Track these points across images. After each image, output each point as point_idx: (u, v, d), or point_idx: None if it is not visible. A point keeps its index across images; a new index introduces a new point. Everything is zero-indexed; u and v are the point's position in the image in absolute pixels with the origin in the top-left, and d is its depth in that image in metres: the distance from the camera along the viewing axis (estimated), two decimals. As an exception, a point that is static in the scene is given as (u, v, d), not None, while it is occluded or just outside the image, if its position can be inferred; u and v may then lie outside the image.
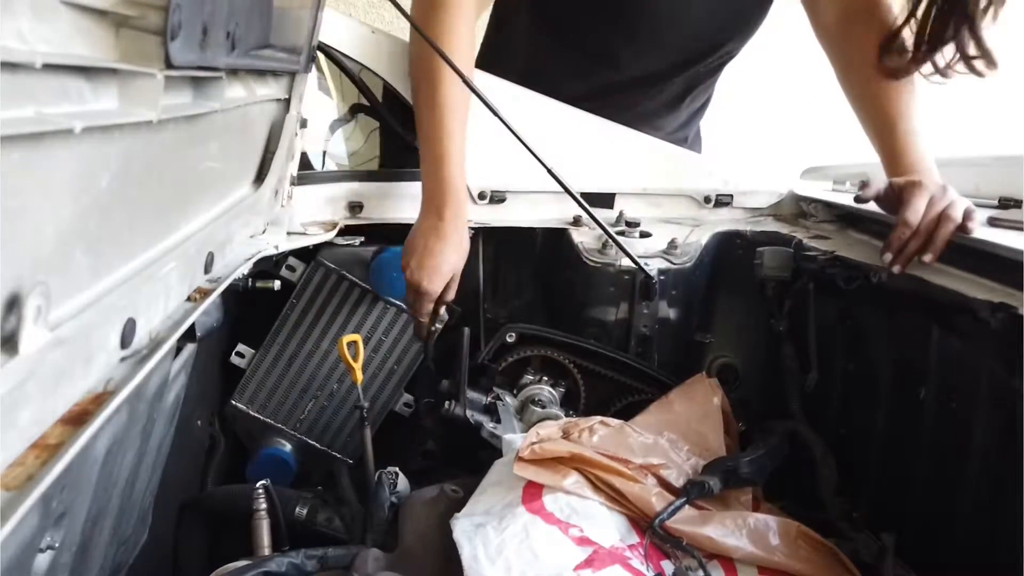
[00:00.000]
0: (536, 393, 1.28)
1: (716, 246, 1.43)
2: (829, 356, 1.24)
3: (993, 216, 1.15)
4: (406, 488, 1.08)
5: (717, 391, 1.21)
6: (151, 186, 0.65)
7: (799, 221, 1.49)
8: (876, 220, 1.28)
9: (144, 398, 0.75)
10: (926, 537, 1.01)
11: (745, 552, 0.93)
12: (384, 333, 1.36)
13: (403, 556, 0.92)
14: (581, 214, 1.40)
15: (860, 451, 1.16)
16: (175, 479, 1.05)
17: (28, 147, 0.42)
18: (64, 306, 0.53)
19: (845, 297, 1.18)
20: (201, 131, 0.73)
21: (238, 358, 1.34)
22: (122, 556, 0.87)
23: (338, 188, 1.37)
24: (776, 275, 1.30)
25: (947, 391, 1.00)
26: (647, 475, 1.01)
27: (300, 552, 0.92)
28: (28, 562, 0.56)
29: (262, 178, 1.05)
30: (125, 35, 0.53)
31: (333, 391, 1.36)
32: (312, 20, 1.03)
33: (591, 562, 0.85)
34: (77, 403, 0.57)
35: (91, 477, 0.65)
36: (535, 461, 0.96)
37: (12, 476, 0.48)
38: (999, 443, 0.90)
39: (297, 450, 1.37)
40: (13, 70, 0.41)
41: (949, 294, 0.97)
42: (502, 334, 1.31)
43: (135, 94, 0.55)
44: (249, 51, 0.75)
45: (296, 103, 1.08)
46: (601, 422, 1.08)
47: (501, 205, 1.43)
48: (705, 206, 1.50)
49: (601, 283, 1.36)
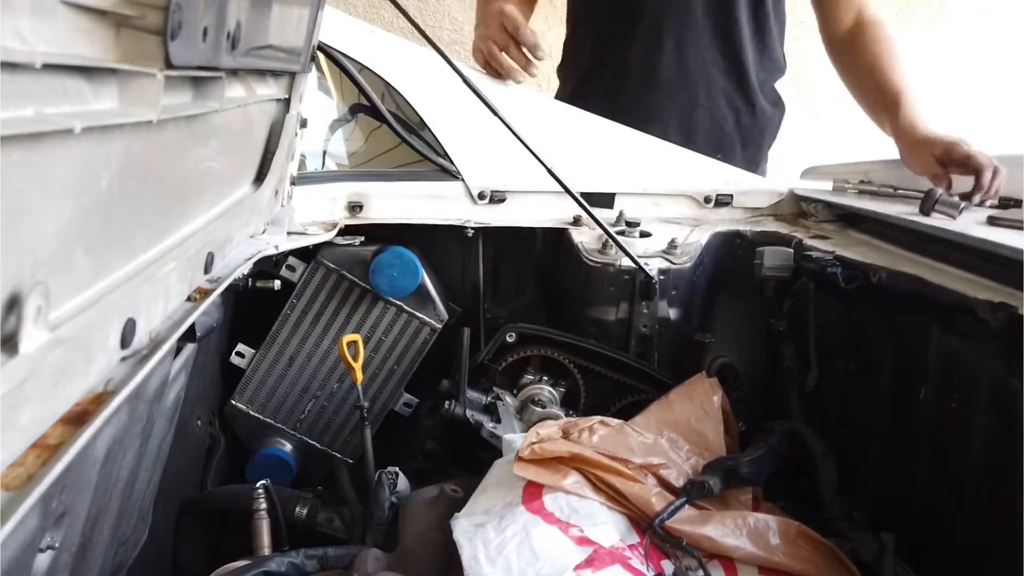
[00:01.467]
0: (536, 393, 1.28)
1: (716, 246, 1.43)
2: (829, 356, 1.24)
3: (993, 216, 1.15)
4: (406, 488, 1.08)
5: (717, 390, 1.21)
6: (151, 186, 0.65)
7: (799, 221, 1.49)
8: (876, 220, 1.28)
9: (144, 398, 0.75)
10: (926, 537, 1.01)
11: (745, 552, 0.93)
12: (384, 333, 1.36)
13: (403, 556, 0.92)
14: (581, 214, 1.40)
15: (860, 451, 1.16)
16: (175, 479, 1.05)
17: (28, 147, 0.42)
18: (64, 306, 0.53)
19: (845, 297, 1.17)
20: (201, 131, 0.73)
21: (238, 358, 1.34)
22: (122, 556, 0.87)
23: (338, 188, 1.37)
24: (776, 275, 1.30)
25: (947, 391, 1.00)
26: (647, 475, 1.01)
27: (300, 552, 0.92)
28: (28, 562, 0.56)
29: (262, 178, 1.05)
30: (125, 35, 0.53)
31: (333, 391, 1.36)
32: (312, 20, 1.03)
33: (591, 562, 0.85)
34: (77, 403, 0.57)
35: (91, 477, 0.65)
36: (535, 461, 0.96)
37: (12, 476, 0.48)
38: (999, 443, 0.90)
39: (297, 450, 1.37)
40: (13, 70, 0.41)
41: (949, 294, 0.97)
42: (502, 334, 1.31)
43: (135, 94, 0.54)
44: (249, 51, 0.75)
45: (296, 103, 1.08)
46: (601, 422, 1.08)
47: (501, 205, 1.43)
48: (705, 206, 1.50)
49: (601, 283, 1.36)
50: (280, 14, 0.85)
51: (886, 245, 1.23)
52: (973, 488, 0.95)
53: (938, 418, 1.02)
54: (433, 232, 1.40)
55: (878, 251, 1.20)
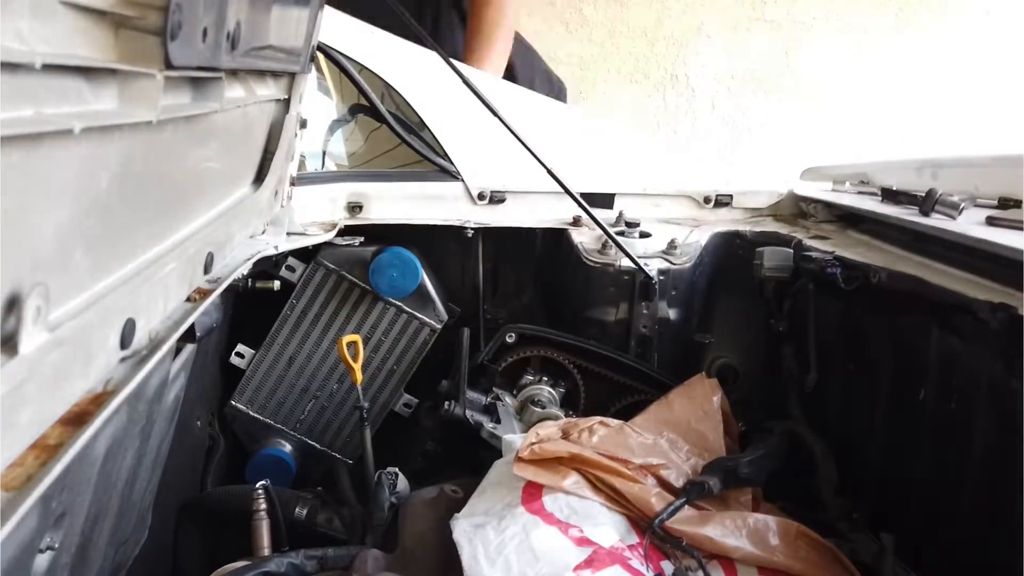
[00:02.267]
0: (536, 393, 1.28)
1: (716, 246, 1.43)
2: (829, 356, 1.24)
3: (993, 216, 1.15)
4: (406, 488, 1.08)
5: (717, 391, 1.21)
6: (151, 186, 0.65)
7: (799, 221, 1.49)
8: (876, 220, 1.28)
9: (144, 398, 0.75)
10: (926, 537, 1.01)
11: (745, 552, 0.93)
12: (384, 333, 1.36)
13: (403, 556, 0.92)
14: (581, 214, 1.40)
15: (860, 451, 1.16)
16: (175, 479, 1.05)
17: (28, 147, 0.42)
18: (64, 306, 0.52)
19: (845, 297, 1.17)
20: (201, 131, 0.73)
21: (238, 358, 1.34)
22: (122, 556, 0.86)
23: (338, 188, 1.37)
24: (776, 275, 1.30)
25: (947, 391, 1.00)
26: (647, 475, 1.01)
27: (300, 552, 0.92)
28: (28, 562, 0.56)
29: (262, 178, 1.04)
30: (125, 35, 0.53)
31: (333, 391, 1.36)
32: (312, 20, 1.03)
33: (591, 562, 0.85)
34: (77, 404, 0.57)
35: (91, 477, 0.65)
36: (535, 461, 0.96)
37: (12, 477, 0.48)
38: (999, 443, 0.90)
39: (297, 450, 1.37)
40: (13, 70, 0.41)
41: (949, 294, 0.97)
42: (502, 334, 1.31)
43: (135, 94, 0.54)
44: (249, 51, 0.75)
45: (296, 103, 1.08)
46: (600, 422, 1.08)
47: (501, 206, 1.43)
48: (705, 206, 1.50)
49: (601, 283, 1.36)
50: (280, 14, 0.85)
51: (886, 245, 1.22)
52: (973, 488, 0.95)
53: (938, 418, 1.02)
54: (433, 232, 1.40)
55: (878, 251, 1.20)
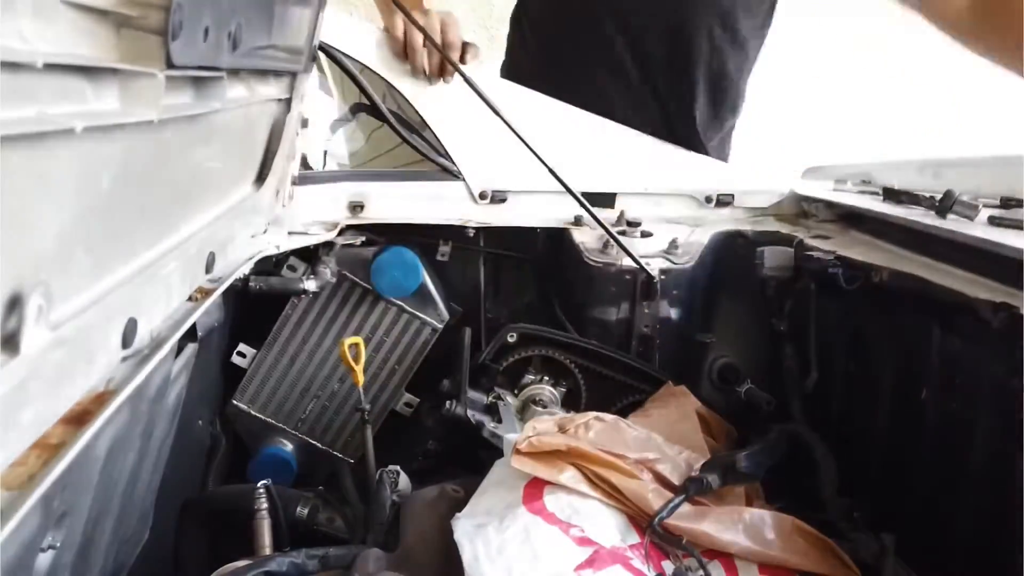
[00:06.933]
0: (537, 393, 1.28)
1: (717, 246, 1.42)
2: (830, 356, 1.24)
3: (994, 215, 1.15)
4: (407, 488, 1.08)
5: (688, 395, 1.23)
6: (152, 186, 0.65)
7: (800, 221, 1.49)
8: (877, 220, 1.28)
9: (145, 398, 0.75)
10: (926, 537, 1.01)
11: (742, 547, 0.93)
12: (385, 333, 1.36)
13: (404, 556, 0.92)
14: (582, 214, 1.40)
15: (860, 451, 1.16)
16: (176, 479, 1.05)
17: (29, 147, 0.42)
18: (65, 306, 0.53)
19: (846, 297, 1.17)
20: (202, 131, 0.74)
21: (239, 358, 1.34)
22: (123, 556, 0.87)
23: (339, 188, 1.37)
24: (777, 275, 1.30)
25: (948, 391, 1.00)
26: (643, 470, 1.00)
27: (301, 552, 0.92)
28: (30, 562, 0.56)
29: (263, 178, 1.05)
30: (126, 35, 0.53)
31: (334, 391, 1.36)
32: (313, 20, 1.03)
33: (592, 562, 0.85)
34: (78, 403, 0.57)
35: (92, 477, 0.65)
36: (532, 454, 0.96)
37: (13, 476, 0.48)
38: (1000, 443, 0.90)
39: (298, 450, 1.37)
40: (14, 70, 0.41)
41: (950, 294, 0.97)
42: (503, 334, 1.31)
43: (136, 94, 0.55)
44: (250, 51, 0.75)
45: (297, 103, 1.08)
46: (596, 417, 1.07)
47: (502, 205, 1.42)
48: (706, 206, 1.50)
49: (602, 283, 1.36)
50: (281, 14, 0.85)
51: (887, 245, 1.22)
52: (974, 488, 0.95)
53: (939, 418, 1.01)
54: (434, 232, 1.40)
55: (879, 251, 1.20)
